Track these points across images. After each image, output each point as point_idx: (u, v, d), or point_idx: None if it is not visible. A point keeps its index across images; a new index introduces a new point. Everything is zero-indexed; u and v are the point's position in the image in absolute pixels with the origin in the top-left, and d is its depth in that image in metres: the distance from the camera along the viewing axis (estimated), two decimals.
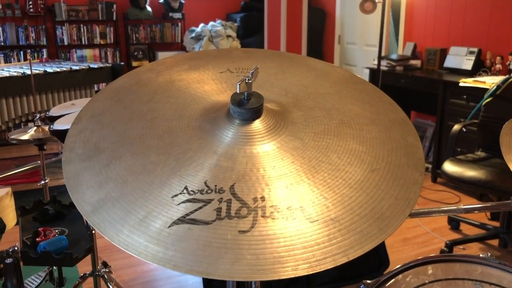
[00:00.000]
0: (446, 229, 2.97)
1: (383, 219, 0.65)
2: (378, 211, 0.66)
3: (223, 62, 1.01)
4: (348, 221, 0.65)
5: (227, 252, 0.60)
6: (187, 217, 0.64)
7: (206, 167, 0.72)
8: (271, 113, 0.81)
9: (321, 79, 0.96)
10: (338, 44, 5.88)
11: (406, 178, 0.72)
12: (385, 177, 0.72)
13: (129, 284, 2.34)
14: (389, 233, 0.64)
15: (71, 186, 0.71)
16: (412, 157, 0.76)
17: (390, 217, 0.66)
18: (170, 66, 1.00)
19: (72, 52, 5.86)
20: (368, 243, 0.62)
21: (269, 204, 0.66)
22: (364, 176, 0.71)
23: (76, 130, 0.82)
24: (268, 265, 0.59)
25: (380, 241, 0.63)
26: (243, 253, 0.60)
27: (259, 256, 0.60)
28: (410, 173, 0.73)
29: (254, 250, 0.61)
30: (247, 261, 0.60)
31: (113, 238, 0.63)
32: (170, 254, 0.60)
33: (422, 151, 0.78)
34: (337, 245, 0.62)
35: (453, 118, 3.61)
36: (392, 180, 0.71)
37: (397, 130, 0.82)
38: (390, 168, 0.73)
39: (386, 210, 0.67)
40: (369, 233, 0.64)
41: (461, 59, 3.94)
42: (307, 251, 0.61)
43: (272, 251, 0.61)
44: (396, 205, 0.68)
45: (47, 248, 1.54)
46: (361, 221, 0.65)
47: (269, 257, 0.60)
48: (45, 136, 2.20)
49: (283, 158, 0.73)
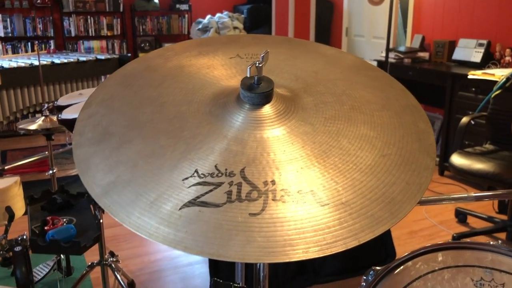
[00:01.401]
0: (453, 222, 2.96)
1: (394, 203, 0.65)
2: (389, 195, 0.66)
3: (232, 48, 1.01)
4: (359, 205, 0.65)
5: (237, 234, 0.60)
6: (198, 199, 0.64)
7: (216, 151, 0.72)
8: (281, 98, 0.80)
9: (332, 65, 0.96)
10: (346, 36, 5.84)
11: (417, 163, 0.72)
12: (396, 162, 0.71)
13: (136, 274, 2.36)
14: (400, 217, 0.64)
15: (82, 170, 0.71)
16: (423, 142, 0.76)
17: (402, 201, 0.65)
18: (179, 52, 1.00)
19: (79, 44, 5.87)
20: (379, 227, 0.62)
21: (279, 188, 0.66)
22: (375, 161, 0.71)
23: (86, 115, 0.82)
24: (279, 248, 0.59)
25: (391, 225, 0.63)
26: (254, 235, 0.60)
27: (269, 238, 0.60)
28: (422, 158, 0.73)
29: (265, 233, 0.61)
30: (258, 244, 0.60)
31: (123, 220, 0.63)
32: (181, 236, 0.60)
33: (433, 137, 0.78)
34: (348, 228, 0.62)
35: (461, 111, 3.58)
36: (403, 165, 0.71)
37: (408, 116, 0.82)
38: (402, 154, 0.73)
39: (397, 194, 0.66)
40: (380, 217, 0.63)
41: (470, 51, 3.90)
42: (317, 234, 0.61)
43: (282, 234, 0.61)
44: (407, 189, 0.67)
45: (56, 237, 1.55)
46: (372, 205, 0.65)
47: (279, 239, 0.60)
48: (53, 126, 2.21)
49: (293, 143, 0.73)
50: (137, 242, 2.68)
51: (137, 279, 2.30)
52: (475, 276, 0.87)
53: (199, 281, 2.29)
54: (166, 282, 2.29)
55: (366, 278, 0.91)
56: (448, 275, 0.87)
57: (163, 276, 2.34)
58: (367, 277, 0.91)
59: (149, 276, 2.34)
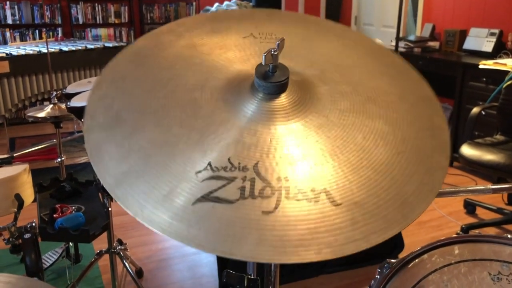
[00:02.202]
0: (461, 213, 2.94)
1: (406, 204, 0.64)
2: (403, 196, 0.65)
3: (245, 25, 0.97)
4: (372, 205, 0.63)
5: (250, 233, 0.59)
6: (211, 194, 0.63)
7: (229, 142, 0.70)
8: (296, 87, 0.78)
9: (349, 49, 0.93)
10: (355, 25, 5.78)
11: (431, 162, 0.70)
12: (410, 160, 0.70)
13: (144, 261, 2.37)
14: (412, 219, 0.63)
15: (94, 157, 0.71)
16: (438, 139, 0.74)
17: (414, 202, 0.64)
18: (191, 28, 0.97)
19: (87, 31, 5.85)
20: (390, 229, 0.61)
21: (293, 185, 0.65)
22: (390, 158, 0.70)
23: (97, 96, 0.81)
24: (292, 248, 0.58)
25: (403, 228, 0.61)
26: (267, 234, 0.59)
27: (282, 238, 0.59)
28: (436, 156, 0.71)
29: (277, 232, 0.60)
30: (270, 243, 0.59)
31: (137, 214, 0.62)
32: (194, 233, 0.60)
33: (448, 134, 0.76)
34: (360, 230, 0.61)
35: (471, 101, 3.54)
36: (417, 163, 0.70)
37: (424, 109, 0.79)
38: (416, 151, 0.71)
39: (410, 195, 0.65)
40: (392, 218, 0.62)
41: (482, 40, 3.85)
42: (330, 235, 0.60)
43: (295, 234, 0.60)
44: (421, 190, 0.66)
45: (64, 224, 1.55)
46: (385, 206, 0.64)
47: (292, 239, 0.59)
48: (61, 114, 2.21)
49: (307, 137, 0.71)
50: (145, 230, 2.69)
51: (145, 267, 2.31)
52: (493, 270, 0.85)
53: (206, 270, 2.30)
54: (174, 270, 2.29)
55: (380, 271, 0.90)
56: (464, 269, 0.86)
57: (171, 264, 2.35)
58: (382, 269, 0.90)
59: (157, 264, 2.35)
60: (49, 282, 2.19)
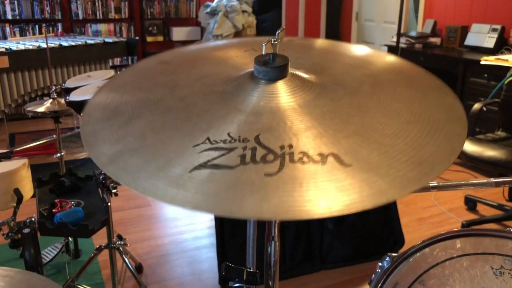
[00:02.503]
0: (462, 210, 2.93)
1: (427, 163, 0.60)
2: (421, 157, 0.61)
3: (245, 45, 0.99)
4: (386, 165, 0.60)
5: (252, 194, 0.56)
6: (209, 162, 0.60)
7: (229, 122, 0.68)
8: (298, 76, 0.77)
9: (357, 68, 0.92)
10: (356, 21, 5.77)
11: (447, 130, 0.67)
12: (424, 129, 0.67)
13: (143, 257, 2.36)
14: (434, 176, 0.59)
15: (88, 142, 0.69)
16: (452, 113, 0.71)
17: (434, 162, 0.60)
18: (194, 49, 0.99)
19: (87, 27, 5.84)
20: (411, 186, 0.57)
21: (297, 151, 0.61)
22: (401, 128, 0.66)
23: (96, 99, 0.81)
24: (299, 206, 0.54)
25: (424, 185, 0.57)
26: (270, 194, 0.56)
27: (288, 197, 0.55)
28: (452, 126, 0.68)
29: (282, 192, 0.56)
30: (275, 202, 0.55)
31: (129, 184, 0.59)
32: (190, 196, 0.56)
33: (463, 110, 0.72)
34: (376, 189, 0.57)
35: (472, 97, 3.53)
36: (432, 131, 0.66)
37: (434, 92, 0.77)
38: (430, 122, 0.68)
39: (428, 157, 0.61)
40: (412, 177, 0.58)
41: (483, 36, 3.83)
42: (342, 194, 0.56)
43: (302, 193, 0.56)
44: (439, 152, 0.62)
45: (64, 219, 1.54)
46: (402, 166, 0.60)
47: (299, 198, 0.55)
48: (61, 109, 2.20)
49: (311, 113, 0.69)
50: (144, 226, 2.68)
51: (144, 263, 2.30)
52: (495, 264, 0.84)
53: (206, 265, 2.29)
54: (173, 266, 2.29)
55: (381, 265, 0.89)
56: (466, 263, 0.85)
57: (170, 260, 2.34)
58: (383, 263, 0.89)
59: (157, 260, 2.34)
60: (48, 277, 2.19)
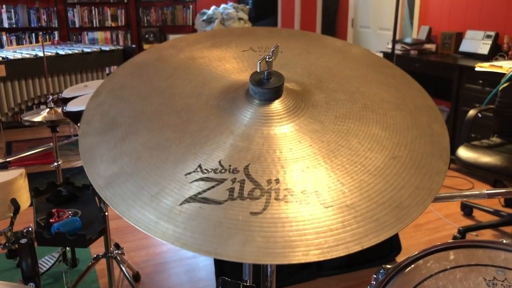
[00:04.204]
0: (459, 215, 2.94)
1: (401, 208, 0.63)
2: (397, 199, 0.64)
3: (246, 40, 0.99)
4: (364, 208, 0.63)
5: (237, 233, 0.59)
6: (199, 195, 0.63)
7: (221, 146, 0.70)
8: (292, 94, 0.78)
9: (348, 62, 0.93)
10: (352, 28, 5.80)
11: (429, 167, 0.69)
12: (406, 165, 0.69)
13: (141, 266, 2.36)
14: (407, 223, 0.62)
15: (86, 159, 0.71)
16: (437, 145, 0.73)
17: (410, 206, 0.63)
18: (193, 43, 0.98)
19: (84, 35, 5.85)
20: (384, 232, 0.60)
21: (283, 187, 0.64)
22: (385, 163, 0.69)
23: (95, 104, 0.82)
24: (279, 249, 0.58)
25: (397, 231, 0.60)
26: (254, 235, 0.59)
27: (269, 239, 0.59)
28: (434, 162, 0.70)
29: (265, 233, 0.59)
30: (257, 244, 0.58)
31: (123, 213, 0.62)
32: (180, 232, 0.59)
33: (448, 140, 0.75)
34: (351, 232, 0.60)
35: (468, 103, 3.55)
36: (414, 168, 0.69)
37: (423, 117, 0.79)
38: (413, 156, 0.70)
39: (406, 199, 0.64)
40: (386, 221, 0.61)
41: (478, 43, 3.85)
42: (319, 237, 0.59)
43: (283, 235, 0.59)
44: (417, 194, 0.65)
45: (61, 229, 1.55)
46: (379, 209, 0.62)
47: (280, 240, 0.59)
48: (57, 118, 2.20)
49: (300, 141, 0.71)
50: (142, 234, 2.68)
51: (142, 271, 2.30)
52: (488, 276, 0.85)
53: (203, 273, 2.29)
54: (171, 274, 2.29)
55: (376, 277, 0.90)
56: (460, 274, 0.86)
57: (168, 268, 2.34)
58: (377, 275, 0.90)
59: (154, 268, 2.34)
60: (46, 286, 2.19)
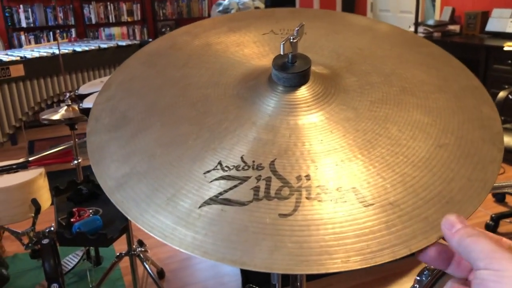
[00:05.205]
0: (490, 202, 2.83)
1: (453, 203, 0.54)
2: (447, 194, 0.55)
3: (266, 23, 0.90)
4: (410, 205, 0.54)
5: (265, 239, 0.51)
6: (220, 196, 0.56)
7: (243, 139, 0.63)
8: (320, 79, 0.70)
9: (380, 41, 0.85)
10: (371, 12, 5.66)
11: (481, 155, 0.60)
12: (455, 153, 0.60)
13: (165, 262, 2.33)
14: None
15: (95, 160, 0.65)
16: (488, 130, 0.64)
17: (462, 201, 0.54)
18: (208, 29, 0.91)
19: (100, 31, 5.86)
20: (434, 233, 0.51)
21: (315, 184, 0.56)
22: (430, 152, 0.60)
23: (104, 98, 0.76)
24: (314, 256, 0.50)
25: None
26: (284, 240, 0.51)
27: (302, 244, 0.51)
28: (486, 149, 0.61)
29: (297, 238, 0.52)
30: (288, 250, 0.51)
31: (136, 219, 0.56)
32: (200, 239, 0.53)
33: (500, 124, 0.66)
34: (397, 234, 0.52)
35: (496, 85, 3.41)
36: (464, 157, 0.60)
37: (470, 99, 0.70)
38: (462, 144, 0.62)
39: (457, 193, 0.55)
40: (436, 220, 0.52)
41: (505, 21, 3.70)
42: (360, 241, 0.51)
43: (318, 239, 0.51)
44: (470, 187, 0.56)
45: (82, 229, 1.52)
46: (426, 206, 0.54)
47: (314, 246, 0.51)
48: (75, 115, 2.18)
49: (332, 131, 0.63)
50: None
51: (166, 267, 2.27)
52: None
53: (229, 269, 2.25)
54: (196, 270, 2.25)
55: (419, 279, 0.82)
56: None
57: (192, 264, 2.31)
58: (421, 277, 0.82)
59: (179, 264, 2.31)
60: (70, 285, 2.18)
